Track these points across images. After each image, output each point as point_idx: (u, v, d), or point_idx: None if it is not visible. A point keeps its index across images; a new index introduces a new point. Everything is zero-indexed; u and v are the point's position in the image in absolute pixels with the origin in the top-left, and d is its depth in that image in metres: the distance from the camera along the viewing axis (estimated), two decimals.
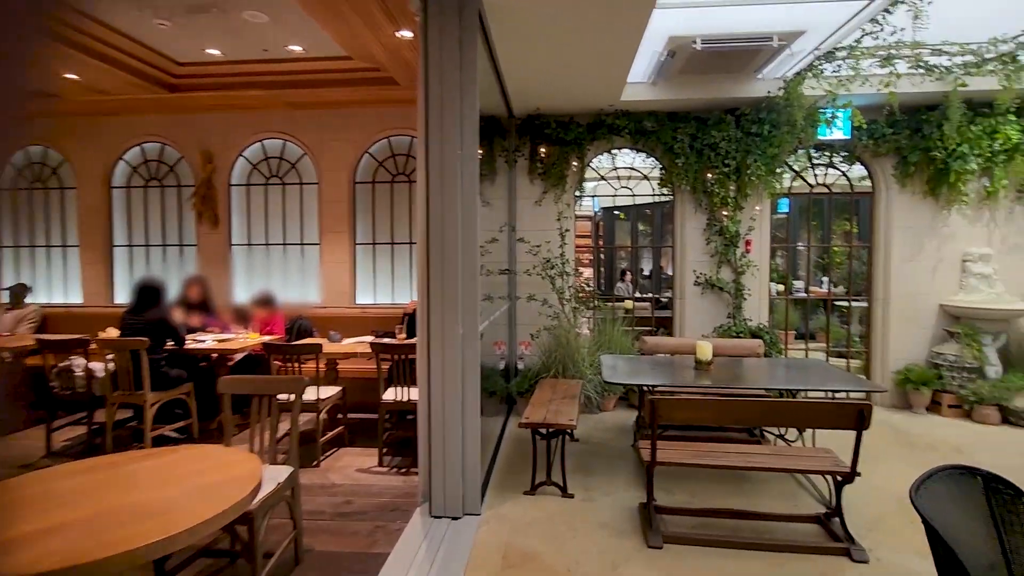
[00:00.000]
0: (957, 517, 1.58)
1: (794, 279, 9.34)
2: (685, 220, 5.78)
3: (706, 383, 3.62)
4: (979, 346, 5.27)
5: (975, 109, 5.17)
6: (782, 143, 5.24)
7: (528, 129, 5.74)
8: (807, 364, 4.26)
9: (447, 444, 3.24)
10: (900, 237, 5.63)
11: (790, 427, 4.12)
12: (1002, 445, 4.53)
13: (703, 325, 5.73)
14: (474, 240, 3.29)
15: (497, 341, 5.48)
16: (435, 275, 3.21)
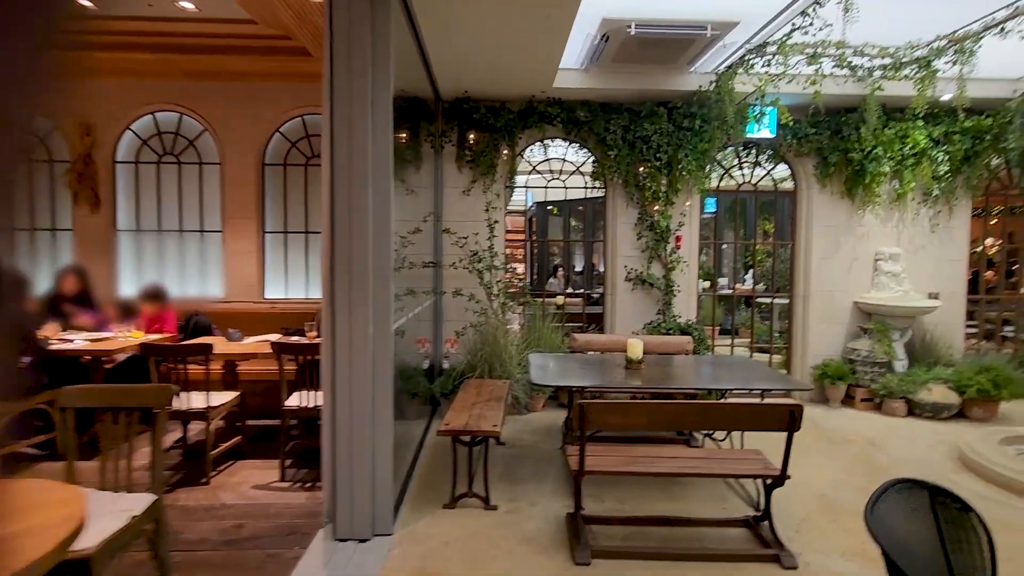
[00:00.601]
0: (909, 533, 1.44)
1: (719, 276, 9.53)
2: (617, 214, 5.65)
3: (636, 383, 3.45)
4: (888, 342, 5.50)
5: (889, 113, 5.37)
6: (713, 138, 5.21)
7: (456, 113, 5.39)
8: (734, 361, 4.22)
9: (355, 457, 2.87)
10: (820, 235, 5.78)
11: (722, 430, 4.06)
12: (910, 437, 4.71)
13: (634, 321, 5.64)
14: (387, 230, 2.93)
15: (421, 338, 5.12)
16: (341, 268, 2.82)
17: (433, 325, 5.41)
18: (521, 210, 13.25)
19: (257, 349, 4.11)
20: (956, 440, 4.54)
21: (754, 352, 6.58)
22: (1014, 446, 4.17)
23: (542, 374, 3.62)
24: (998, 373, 5.08)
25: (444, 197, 5.48)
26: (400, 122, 4.06)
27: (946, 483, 3.73)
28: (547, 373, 3.68)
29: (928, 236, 5.81)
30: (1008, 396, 5.04)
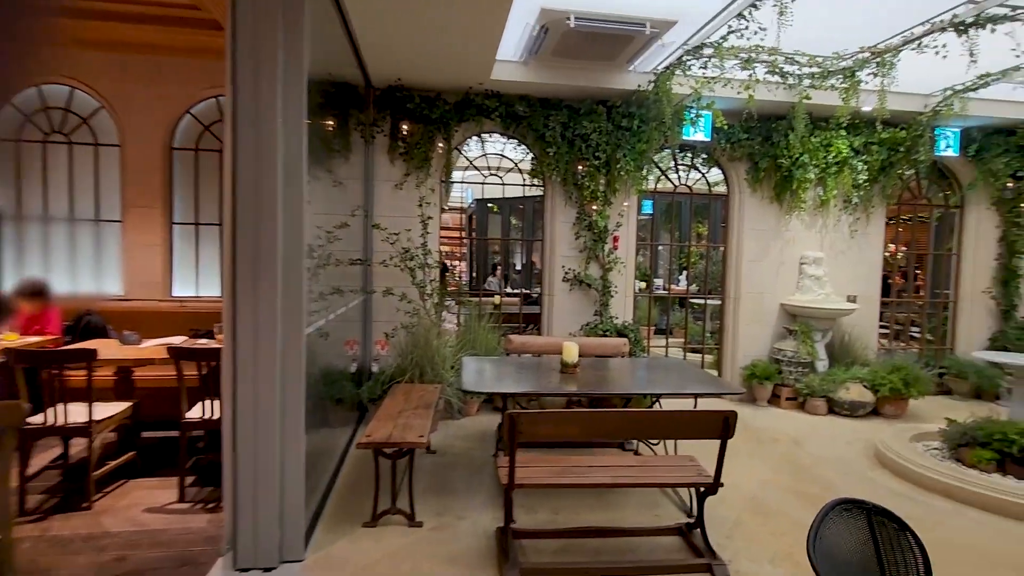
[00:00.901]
0: (851, 554, 1.35)
1: (655, 277, 9.68)
2: (555, 213, 5.54)
3: (572, 388, 3.32)
4: (811, 342, 5.70)
5: (815, 122, 5.56)
6: (651, 139, 5.20)
7: (389, 102, 5.09)
8: (668, 364, 4.19)
9: (259, 475, 2.56)
10: (750, 239, 5.92)
11: (657, 439, 4.02)
12: (830, 435, 4.88)
13: (571, 322, 5.55)
14: (299, 222, 2.63)
15: (349, 340, 4.80)
16: (244, 264, 2.51)
17: (362, 326, 5.10)
18: (461, 207, 13.00)
19: (155, 354, 3.67)
20: (871, 437, 4.74)
21: (687, 352, 6.69)
22: (923, 443, 4.39)
23: (475, 379, 3.43)
24: (908, 372, 5.37)
25: (375, 190, 5.17)
26: (324, 107, 3.75)
27: (863, 480, 3.85)
28: (481, 378, 3.50)
29: (847, 241, 6.09)
30: (916, 394, 5.34)
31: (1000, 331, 6.36)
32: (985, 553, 2.95)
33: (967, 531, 3.19)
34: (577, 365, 3.60)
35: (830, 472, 4.02)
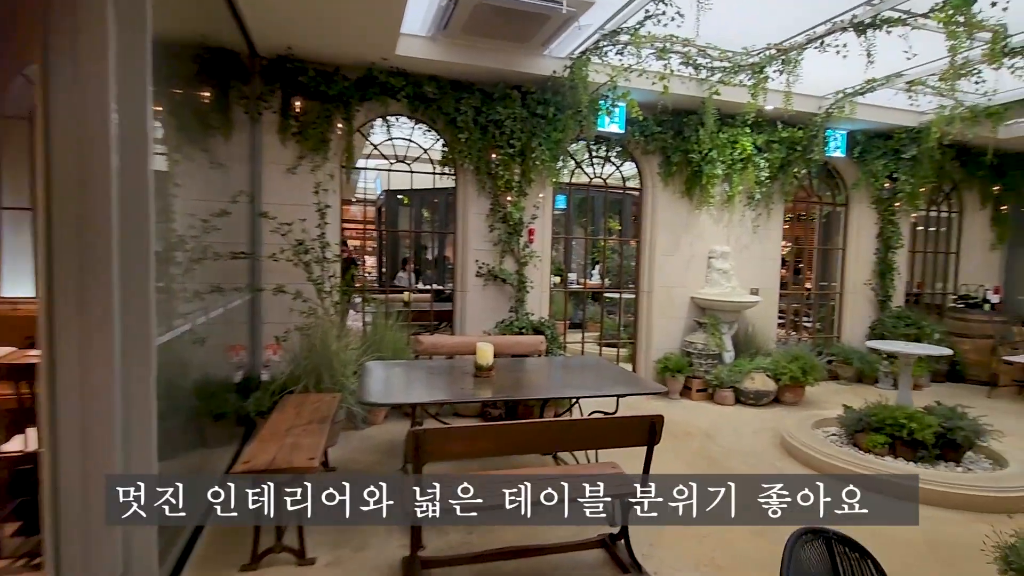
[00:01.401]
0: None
1: (569, 271, 9.64)
2: (468, 204, 5.22)
3: (487, 394, 3.03)
4: (719, 335, 5.83)
5: (723, 119, 5.65)
6: (566, 128, 5.01)
7: (278, 74, 4.50)
8: (587, 363, 4.02)
9: (92, 520, 2.02)
10: (663, 233, 5.95)
11: (579, 450, 3.82)
12: (738, 426, 4.97)
13: (485, 320, 5.26)
14: (144, 209, 2.10)
15: (233, 345, 4.18)
16: (64, 258, 1.95)
17: (250, 329, 4.48)
18: (371, 198, 12.31)
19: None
20: (776, 426, 4.89)
21: (603, 347, 6.65)
22: (823, 429, 4.57)
23: (378, 388, 3.03)
24: (805, 361, 5.64)
25: (263, 174, 4.55)
26: (188, 75, 3.17)
27: (770, 469, 3.91)
28: (384, 387, 3.10)
29: (751, 236, 6.31)
30: (812, 381, 5.62)
31: (878, 320, 6.90)
32: (892, 538, 3.03)
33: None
34: (492, 367, 3.31)
35: (742, 465, 4.05)
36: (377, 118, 5.00)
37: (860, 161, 6.56)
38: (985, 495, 3.36)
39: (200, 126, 3.60)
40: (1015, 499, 3.36)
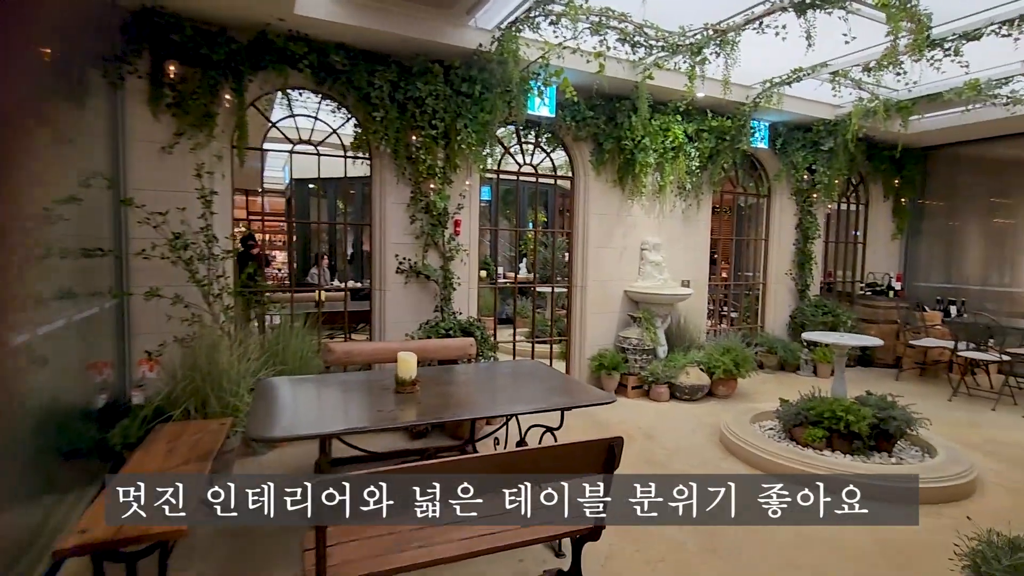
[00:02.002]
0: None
1: (496, 265, 9.25)
2: (386, 192, 4.65)
3: (410, 415, 2.54)
4: (654, 329, 5.67)
5: (655, 106, 5.44)
6: (494, 109, 4.56)
7: (146, 31, 3.70)
8: (522, 369, 3.63)
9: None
10: (595, 224, 5.68)
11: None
12: (676, 424, 4.80)
13: (408, 321, 4.73)
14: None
15: (94, 363, 3.39)
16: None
17: (116, 342, 3.68)
18: (279, 188, 11.31)
19: None
20: (714, 422, 4.76)
21: (534, 345, 6.31)
22: (760, 423, 4.49)
23: (273, 416, 2.46)
24: (738, 353, 5.60)
25: (129, 153, 3.74)
26: (23, 21, 2.40)
27: (717, 471, 3.73)
28: (282, 413, 2.53)
29: (682, 227, 6.20)
30: (745, 373, 5.60)
31: (798, 308, 7.08)
32: (841, 544, 2.89)
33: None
34: (416, 381, 2.83)
35: (687, 467, 3.84)
36: (275, 91, 4.30)
37: (781, 153, 6.65)
38: (926, 487, 3.33)
39: (35, 89, 2.81)
40: (953, 488, 3.36)
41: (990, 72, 4.93)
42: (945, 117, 6.38)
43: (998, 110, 5.53)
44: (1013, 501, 3.38)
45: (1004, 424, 4.97)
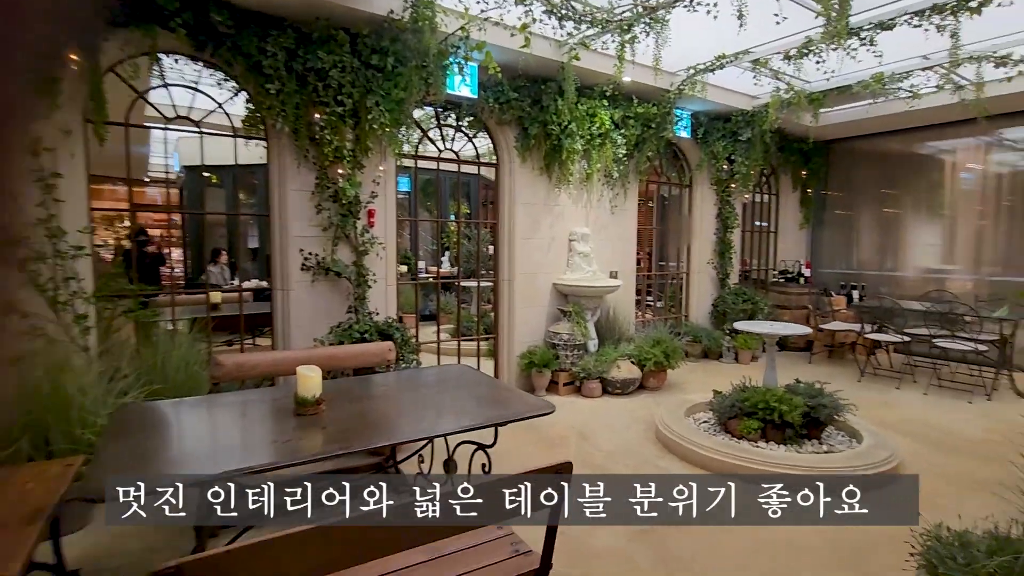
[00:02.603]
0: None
1: (416, 259, 8.74)
2: (286, 178, 4.05)
3: (315, 445, 2.08)
4: (584, 322, 5.47)
5: (581, 90, 5.20)
6: (410, 86, 4.09)
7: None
8: (450, 376, 3.24)
9: None
10: (522, 214, 5.37)
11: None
12: (611, 420, 4.62)
13: (317, 325, 4.18)
14: None
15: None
16: None
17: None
18: (163, 176, 10.09)
19: None
20: (648, 416, 4.63)
21: (460, 343, 5.91)
22: (693, 417, 4.39)
23: (124, 459, 1.90)
24: (667, 345, 5.53)
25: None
26: None
27: (656, 471, 3.56)
28: (142, 452, 1.98)
29: (609, 217, 6.04)
30: (675, 364, 5.54)
31: (720, 297, 7.20)
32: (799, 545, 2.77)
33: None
34: (322, 400, 2.36)
35: (625, 470, 3.63)
36: (142, 55, 3.57)
37: (703, 143, 6.68)
38: (858, 475, 3.32)
39: None
40: (881, 476, 3.38)
41: (893, 66, 5.13)
42: (845, 112, 6.68)
43: (898, 104, 5.82)
44: (935, 485, 3.46)
45: (911, 402, 5.24)
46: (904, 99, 5.46)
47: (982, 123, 5.32)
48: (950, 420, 4.72)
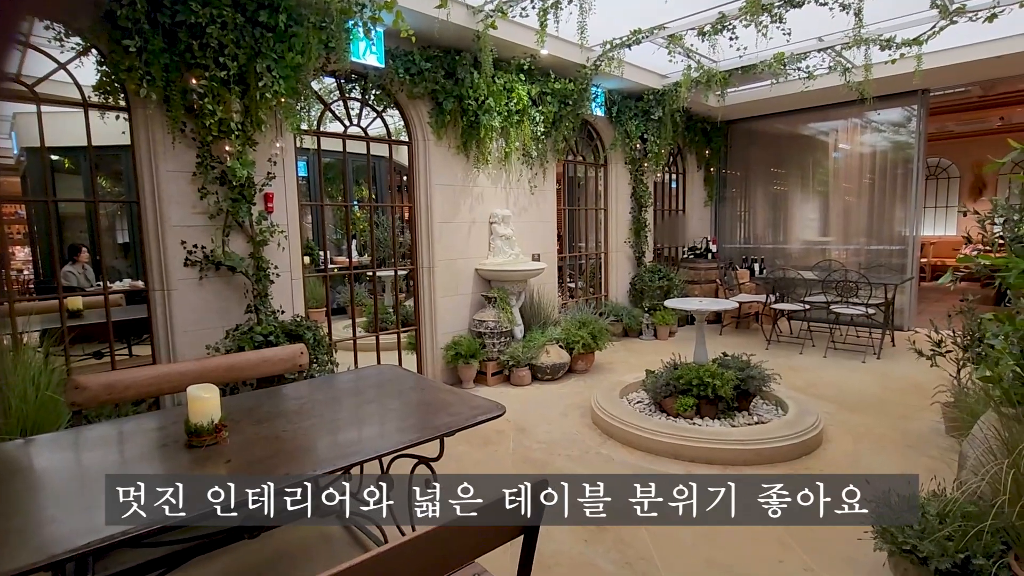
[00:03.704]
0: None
1: (319, 249, 8.04)
2: (158, 156, 3.39)
3: (215, 499, 1.64)
4: (509, 308, 5.25)
5: (497, 63, 4.89)
6: (307, 50, 3.56)
7: None
8: (376, 380, 2.85)
9: None
10: (440, 196, 5.00)
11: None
12: (546, 409, 4.46)
13: (209, 329, 3.58)
14: None
15: None
16: None
17: None
18: (8, 162, 8.56)
19: None
20: (582, 401, 4.54)
21: (378, 337, 5.47)
22: (627, 398, 4.34)
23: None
24: (594, 326, 5.46)
25: None
26: None
27: (603, 461, 3.37)
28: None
29: (529, 198, 5.83)
30: (602, 346, 5.49)
31: (637, 275, 7.30)
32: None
33: None
34: (223, 425, 1.91)
35: (570, 463, 3.47)
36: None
37: (617, 122, 6.65)
38: (790, 444, 3.40)
39: None
40: (810, 441, 3.49)
41: (792, 47, 5.34)
42: (744, 93, 6.95)
43: (794, 85, 6.11)
44: (856, 444, 3.64)
45: (814, 366, 5.59)
46: (800, 79, 5.73)
47: (870, 102, 5.72)
48: (850, 380, 5.08)
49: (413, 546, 1.17)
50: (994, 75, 6.09)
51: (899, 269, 7.07)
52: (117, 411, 3.12)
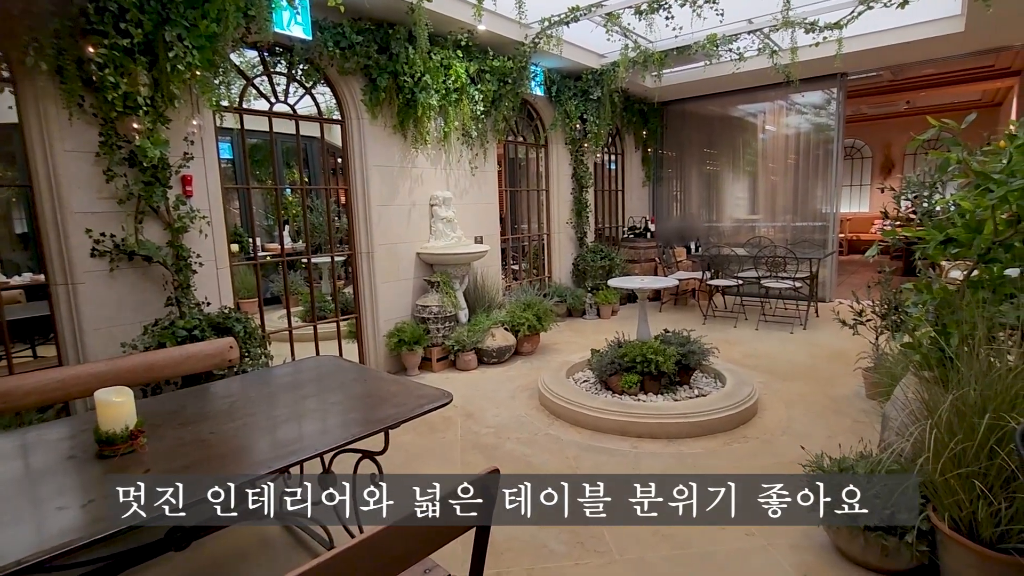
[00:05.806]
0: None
1: (248, 235, 7.58)
2: (52, 134, 3.02)
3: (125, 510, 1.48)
4: (453, 293, 5.16)
5: (433, 38, 4.70)
6: (224, 18, 3.26)
7: None
8: (315, 373, 2.70)
9: None
10: (377, 178, 4.80)
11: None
12: (494, 393, 4.43)
13: (124, 326, 3.28)
14: None
15: None
16: None
17: None
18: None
19: None
20: (528, 383, 4.54)
21: (316, 327, 5.24)
22: (572, 378, 4.37)
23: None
24: (539, 308, 5.46)
25: None
26: None
27: (552, 443, 3.32)
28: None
29: (470, 179, 5.71)
30: (547, 327, 5.50)
31: (579, 256, 7.36)
32: None
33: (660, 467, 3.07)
34: (138, 436, 1.73)
35: (520, 446, 3.45)
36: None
37: (556, 101, 6.61)
38: (730, 414, 3.53)
39: None
40: (747, 411, 3.64)
41: (724, 28, 5.46)
42: (678, 74, 7.08)
43: (726, 67, 6.26)
44: (788, 411, 3.83)
45: (747, 338, 5.85)
46: (732, 60, 5.88)
47: (796, 84, 5.96)
48: (781, 350, 5.35)
49: (363, 548, 1.09)
50: (903, 60, 6.49)
51: (821, 244, 7.50)
52: (20, 420, 2.80)
